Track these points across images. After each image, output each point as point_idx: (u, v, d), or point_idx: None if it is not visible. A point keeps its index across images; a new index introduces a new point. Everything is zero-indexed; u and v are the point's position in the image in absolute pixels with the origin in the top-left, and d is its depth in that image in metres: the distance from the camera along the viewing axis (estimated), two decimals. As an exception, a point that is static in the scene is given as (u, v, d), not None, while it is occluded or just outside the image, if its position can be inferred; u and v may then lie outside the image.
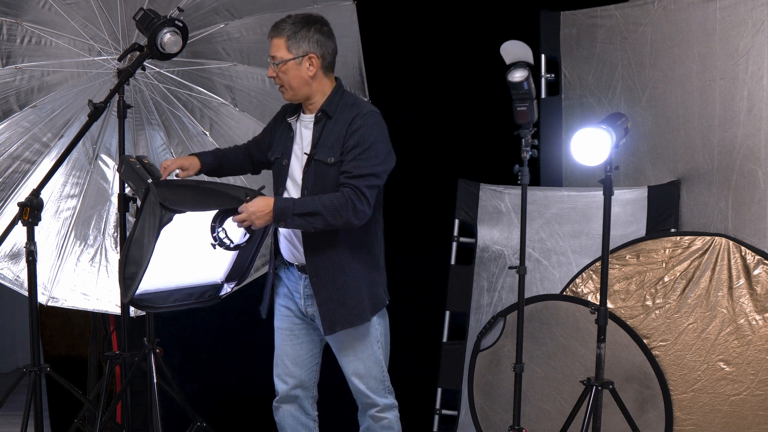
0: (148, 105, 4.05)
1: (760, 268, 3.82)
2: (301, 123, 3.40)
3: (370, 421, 3.50)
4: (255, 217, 3.22)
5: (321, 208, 3.20)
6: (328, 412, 3.73)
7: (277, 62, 3.30)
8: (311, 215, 3.21)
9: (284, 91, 3.36)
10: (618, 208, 4.15)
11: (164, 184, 3.35)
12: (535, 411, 4.01)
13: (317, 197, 3.24)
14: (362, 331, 3.40)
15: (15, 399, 3.69)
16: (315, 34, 3.30)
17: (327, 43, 3.33)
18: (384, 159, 3.30)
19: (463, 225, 4.60)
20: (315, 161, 3.31)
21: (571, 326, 3.97)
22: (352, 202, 3.21)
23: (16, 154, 3.89)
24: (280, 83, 3.34)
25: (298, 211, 3.21)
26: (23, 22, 3.80)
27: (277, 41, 3.30)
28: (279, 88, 3.37)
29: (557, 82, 4.67)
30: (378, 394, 3.46)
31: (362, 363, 3.42)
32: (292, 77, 3.31)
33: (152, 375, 3.74)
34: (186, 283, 3.45)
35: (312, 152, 3.31)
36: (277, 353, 3.54)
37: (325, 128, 3.32)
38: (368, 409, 3.49)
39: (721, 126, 4.05)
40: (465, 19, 4.84)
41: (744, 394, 3.78)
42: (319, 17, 3.37)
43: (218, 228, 3.26)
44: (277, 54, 3.30)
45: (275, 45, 3.31)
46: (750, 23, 3.93)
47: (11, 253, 3.89)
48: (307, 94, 3.35)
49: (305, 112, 3.41)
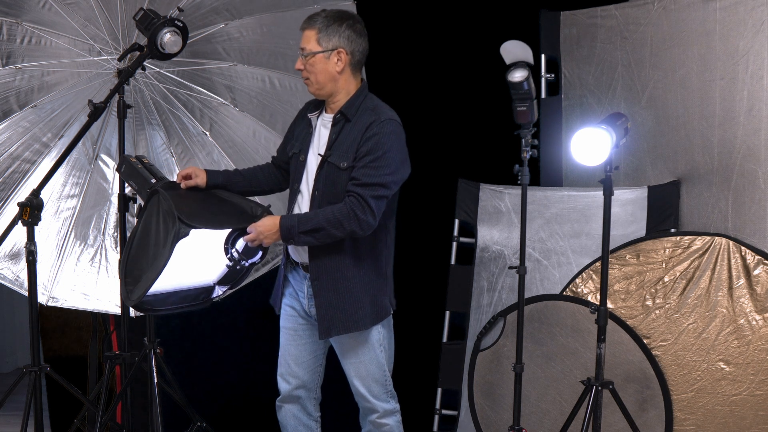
0: (148, 105, 4.04)
1: (760, 268, 3.82)
2: (322, 121, 3.39)
3: (370, 426, 3.48)
4: (264, 237, 3.26)
5: (324, 223, 3.19)
6: (330, 413, 3.73)
7: (306, 54, 3.28)
8: (316, 231, 3.21)
9: (309, 84, 3.33)
10: (618, 208, 4.15)
11: (171, 187, 3.34)
12: (535, 411, 4.01)
13: (320, 211, 3.23)
14: (364, 336, 3.38)
15: (15, 399, 3.69)
16: (347, 29, 3.27)
17: (358, 41, 3.30)
18: (396, 169, 3.26)
19: (463, 225, 4.60)
20: (328, 164, 3.29)
21: (571, 326, 3.97)
22: (354, 213, 3.19)
23: (16, 154, 3.88)
24: (307, 76, 3.31)
25: (302, 229, 3.21)
26: (23, 22, 3.80)
27: (309, 33, 3.28)
28: (305, 80, 3.34)
29: (557, 82, 4.67)
30: (379, 399, 3.44)
31: (364, 366, 3.41)
32: (319, 71, 3.28)
33: (152, 375, 3.74)
34: (182, 286, 3.44)
35: (326, 154, 3.30)
36: (281, 353, 3.54)
37: (342, 131, 3.30)
38: (369, 414, 3.46)
39: (721, 126, 4.05)
40: (465, 19, 4.84)
41: (744, 394, 3.78)
42: (353, 14, 3.36)
43: (231, 249, 3.33)
44: (306, 46, 3.28)
45: (306, 36, 3.29)
46: (750, 23, 3.93)
47: (11, 253, 3.89)
48: (331, 91, 3.32)
49: (327, 110, 3.39)
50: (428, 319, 4.63)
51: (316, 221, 3.20)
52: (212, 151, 4.12)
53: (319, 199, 3.30)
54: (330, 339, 3.43)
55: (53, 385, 4.59)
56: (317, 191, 3.31)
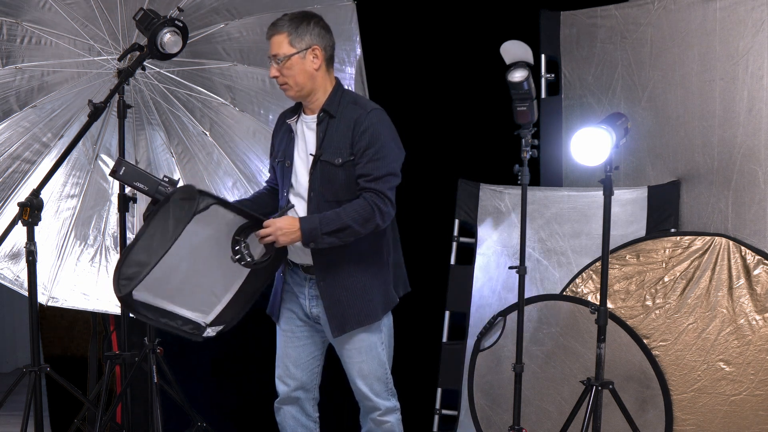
0: (148, 105, 4.05)
1: (760, 268, 3.82)
2: (303, 124, 3.38)
3: (371, 424, 3.48)
4: (281, 233, 3.20)
5: (349, 221, 3.19)
6: (329, 413, 3.73)
7: (280, 59, 3.27)
8: (341, 231, 3.20)
9: (288, 88, 3.32)
10: (618, 208, 4.15)
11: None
12: (535, 411, 4.01)
13: (341, 210, 3.22)
14: (369, 332, 3.39)
15: (15, 399, 3.69)
16: (315, 27, 3.29)
17: (327, 36, 3.33)
18: (397, 155, 3.31)
19: (463, 225, 4.60)
20: (321, 162, 3.29)
21: (571, 326, 3.97)
22: (377, 207, 3.21)
23: (16, 154, 3.89)
24: (284, 81, 3.30)
25: (326, 230, 3.19)
26: (23, 22, 3.80)
27: (278, 38, 3.28)
28: (282, 86, 3.33)
29: (557, 82, 4.67)
30: (380, 397, 3.44)
31: (366, 364, 3.41)
32: (297, 72, 3.28)
33: (152, 375, 3.74)
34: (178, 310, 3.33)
35: (318, 153, 3.30)
36: (279, 354, 3.53)
37: (329, 128, 3.30)
38: (370, 412, 3.47)
39: (721, 126, 4.05)
40: (465, 19, 4.84)
41: (744, 394, 3.78)
42: (314, 13, 3.37)
43: (242, 242, 3.21)
44: (279, 51, 3.28)
45: (276, 43, 3.29)
46: (750, 23, 3.93)
47: (11, 253, 3.89)
48: (310, 90, 3.32)
49: (306, 112, 3.39)
50: (428, 319, 4.62)
51: (340, 221, 3.20)
52: (212, 151, 4.12)
53: (316, 199, 3.29)
54: (333, 343, 3.43)
55: (53, 385, 4.59)
56: (313, 192, 3.30)
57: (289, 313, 3.48)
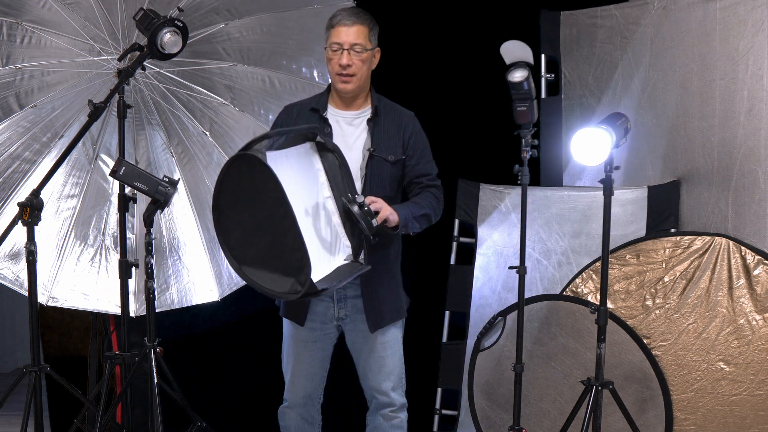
0: (148, 105, 4.05)
1: (760, 268, 3.82)
2: (340, 119, 3.39)
3: (381, 420, 3.50)
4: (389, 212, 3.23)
5: (429, 210, 3.38)
6: (335, 412, 3.74)
7: (360, 50, 3.30)
8: (424, 217, 3.37)
9: (351, 80, 3.32)
10: (618, 208, 4.15)
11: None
12: (535, 411, 4.01)
13: (422, 199, 3.38)
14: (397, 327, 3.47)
15: (15, 399, 3.69)
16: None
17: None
18: None
19: (463, 225, 4.60)
20: (375, 158, 3.34)
21: (571, 326, 3.97)
22: (441, 201, 3.46)
23: (16, 154, 3.89)
24: (354, 72, 3.31)
25: (416, 214, 3.33)
26: (23, 22, 3.80)
27: (362, 29, 3.31)
28: (346, 77, 3.31)
29: (557, 82, 4.67)
30: (396, 392, 3.50)
31: (390, 359, 3.46)
32: (367, 67, 3.35)
33: (152, 375, 3.73)
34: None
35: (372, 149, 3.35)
36: (291, 364, 3.51)
37: (376, 126, 3.38)
38: (383, 408, 3.50)
39: (721, 126, 4.05)
40: (465, 19, 4.84)
41: (744, 394, 3.78)
42: None
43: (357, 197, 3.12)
44: (360, 41, 3.30)
45: (360, 32, 3.30)
46: (750, 23, 3.93)
47: (11, 253, 3.89)
48: (365, 86, 3.39)
49: (342, 107, 3.40)
50: (428, 319, 4.62)
51: (425, 209, 3.37)
52: (212, 151, 4.12)
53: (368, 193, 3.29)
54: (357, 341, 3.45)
55: (53, 385, 4.59)
56: (366, 186, 3.33)
57: (313, 315, 3.44)
